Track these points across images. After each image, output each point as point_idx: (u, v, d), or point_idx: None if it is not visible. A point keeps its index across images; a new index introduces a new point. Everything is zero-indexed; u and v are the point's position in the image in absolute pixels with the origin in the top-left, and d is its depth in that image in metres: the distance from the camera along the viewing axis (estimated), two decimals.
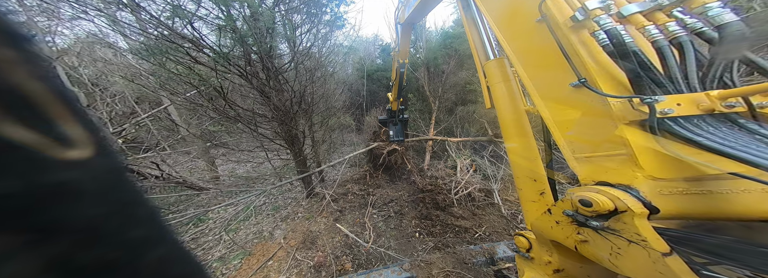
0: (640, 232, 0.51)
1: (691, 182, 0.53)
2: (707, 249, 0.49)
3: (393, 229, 3.23)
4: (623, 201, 0.52)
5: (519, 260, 0.98)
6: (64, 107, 0.16)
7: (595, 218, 0.58)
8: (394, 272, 2.16)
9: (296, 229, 3.06)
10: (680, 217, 0.56)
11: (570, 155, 0.70)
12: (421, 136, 4.92)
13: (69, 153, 0.15)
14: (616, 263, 0.57)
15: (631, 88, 0.60)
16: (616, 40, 0.60)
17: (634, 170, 0.56)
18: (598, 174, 0.64)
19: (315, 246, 2.80)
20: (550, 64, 0.74)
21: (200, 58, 2.56)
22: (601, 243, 0.59)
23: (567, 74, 0.67)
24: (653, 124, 0.53)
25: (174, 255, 0.24)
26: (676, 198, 0.53)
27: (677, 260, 0.48)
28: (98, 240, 0.17)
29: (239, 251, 2.73)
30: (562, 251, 0.79)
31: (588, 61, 0.65)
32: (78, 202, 0.16)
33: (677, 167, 0.53)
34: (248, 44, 2.54)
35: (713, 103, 0.51)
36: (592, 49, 0.65)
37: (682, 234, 0.53)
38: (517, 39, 0.87)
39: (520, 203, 0.96)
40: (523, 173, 0.94)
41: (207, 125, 4.72)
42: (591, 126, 0.66)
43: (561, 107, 0.74)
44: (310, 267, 2.49)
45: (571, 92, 0.69)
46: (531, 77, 0.81)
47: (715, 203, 0.51)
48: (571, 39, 0.67)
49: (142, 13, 2.20)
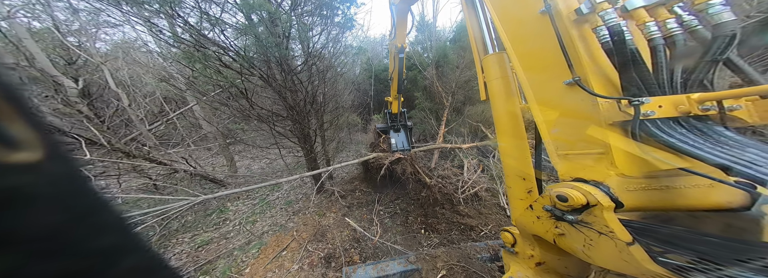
0: (607, 224, 0.56)
1: (652, 179, 0.59)
2: (662, 238, 0.55)
3: (399, 225, 3.33)
4: (594, 196, 0.58)
5: (505, 255, 1.03)
6: (9, 105, 0.14)
7: (570, 212, 0.64)
8: (400, 264, 2.27)
9: (307, 222, 3.27)
10: (640, 210, 0.61)
11: (553, 152, 0.74)
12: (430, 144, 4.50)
13: (16, 156, 0.14)
14: (589, 253, 0.62)
15: (621, 89, 0.62)
16: (617, 38, 0.59)
17: (608, 169, 0.61)
18: (575, 171, 0.68)
19: (325, 238, 2.99)
20: (546, 60, 0.74)
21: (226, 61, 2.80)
22: (576, 236, 0.64)
23: (562, 72, 0.68)
24: (636, 127, 0.56)
25: (147, 265, 0.22)
26: (639, 194, 0.59)
27: (639, 249, 0.53)
28: (59, 250, 0.15)
29: (257, 241, 2.98)
30: (543, 245, 0.85)
31: (585, 58, 0.64)
32: (30, 209, 0.14)
33: (645, 166, 0.58)
34: (267, 48, 2.74)
35: (691, 106, 0.54)
36: (591, 45, 0.65)
37: (642, 225, 0.59)
38: (517, 31, 0.83)
39: (508, 200, 1.00)
40: (512, 172, 0.95)
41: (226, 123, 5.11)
42: (576, 125, 0.68)
43: (551, 104, 0.74)
44: (320, 258, 2.67)
45: (564, 89, 0.69)
46: (527, 72, 0.80)
47: (670, 197, 0.58)
48: (571, 33, 0.65)
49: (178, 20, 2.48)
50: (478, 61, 1.15)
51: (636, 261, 0.52)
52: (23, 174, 0.14)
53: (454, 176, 3.82)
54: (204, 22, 2.58)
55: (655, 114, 0.56)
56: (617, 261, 0.56)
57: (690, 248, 0.51)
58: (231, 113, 3.80)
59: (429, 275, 2.17)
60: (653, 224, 0.61)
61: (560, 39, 0.66)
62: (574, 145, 0.69)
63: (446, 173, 3.86)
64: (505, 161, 1.00)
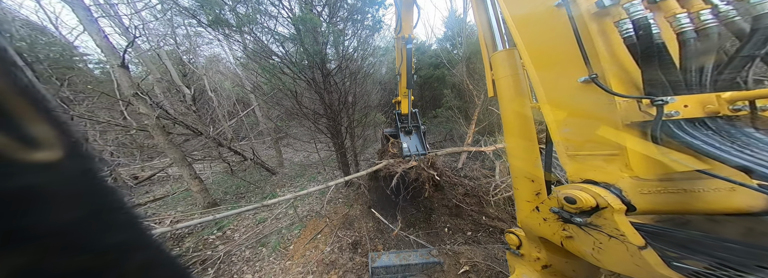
0: (618, 227, 0.55)
1: (668, 182, 0.55)
2: (678, 242, 0.53)
3: (422, 222, 3.40)
4: (604, 198, 0.57)
5: (510, 257, 1.01)
6: (29, 105, 0.14)
7: (578, 214, 0.64)
8: (422, 255, 2.34)
9: (337, 211, 3.65)
10: (655, 213, 0.59)
11: (563, 152, 0.71)
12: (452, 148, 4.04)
13: (36, 155, 0.14)
14: (598, 257, 0.62)
15: (643, 87, 0.57)
16: (643, 32, 0.54)
17: (622, 171, 0.59)
18: (585, 172, 0.66)
19: (352, 227, 3.30)
20: (560, 57, 0.69)
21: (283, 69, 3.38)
22: (585, 239, 0.64)
23: (577, 68, 0.63)
24: (657, 128, 0.52)
25: (157, 260, 0.23)
26: (654, 197, 0.56)
27: (652, 253, 0.52)
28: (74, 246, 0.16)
29: (298, 223, 3.51)
30: (550, 247, 0.83)
31: (604, 54, 0.59)
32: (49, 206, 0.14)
33: (661, 168, 0.55)
34: (313, 55, 3.13)
35: (721, 105, 0.50)
36: (611, 40, 0.59)
37: (656, 229, 0.57)
38: (529, 26, 0.78)
39: (515, 201, 0.95)
40: (520, 174, 0.92)
41: (276, 120, 6.01)
42: (588, 125, 0.65)
43: (564, 102, 0.71)
44: (348, 243, 2.99)
45: (578, 87, 0.65)
46: (538, 70, 0.75)
47: (687, 200, 0.54)
48: (590, 28, 0.60)
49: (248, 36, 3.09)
50: (487, 58, 1.09)
51: (649, 266, 0.51)
52: (43, 173, 0.14)
53: (483, 177, 3.61)
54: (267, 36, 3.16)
55: (679, 114, 0.52)
56: (628, 265, 0.55)
57: (708, 253, 0.48)
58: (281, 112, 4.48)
59: (451, 269, 2.20)
60: (668, 228, 0.57)
61: (577, 34, 0.61)
62: (585, 145, 0.67)
63: (475, 173, 3.69)
64: (513, 163, 0.97)
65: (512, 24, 0.82)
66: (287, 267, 2.63)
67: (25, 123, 0.14)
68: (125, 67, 3.02)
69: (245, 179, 4.56)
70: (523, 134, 0.92)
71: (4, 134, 0.13)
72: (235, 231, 3.30)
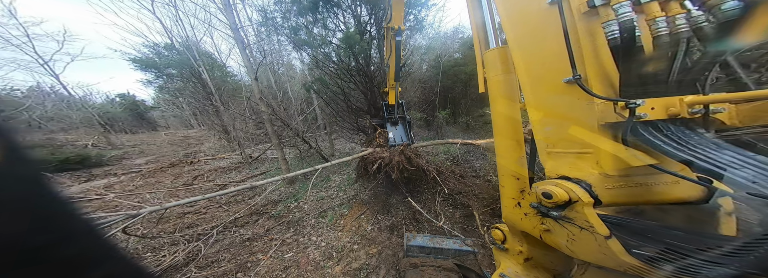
0: (588, 219, 0.62)
1: (627, 178, 0.62)
2: (636, 231, 0.59)
3: (458, 217, 3.43)
4: (575, 192, 0.64)
5: (496, 252, 1.07)
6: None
7: (554, 208, 0.71)
8: (456, 243, 2.45)
9: (377, 197, 4.18)
10: (615, 205, 0.65)
11: (543, 150, 0.76)
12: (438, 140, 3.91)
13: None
14: (572, 248, 0.69)
15: (618, 90, 0.61)
16: (626, 35, 0.56)
17: (592, 168, 0.64)
18: (561, 168, 0.72)
19: (390, 212, 3.74)
20: (548, 56, 0.71)
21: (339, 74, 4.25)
22: (560, 231, 0.72)
23: (562, 69, 0.66)
24: (628, 130, 0.57)
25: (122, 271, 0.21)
26: (616, 191, 0.63)
27: (615, 242, 0.59)
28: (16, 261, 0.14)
29: (346, 204, 4.28)
30: (531, 241, 0.88)
31: (589, 55, 0.62)
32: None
33: (623, 164, 0.60)
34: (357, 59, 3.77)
35: (681, 108, 0.54)
36: (597, 41, 0.61)
37: (617, 220, 0.63)
38: (521, 24, 0.78)
39: (501, 198, 0.97)
40: (507, 172, 0.93)
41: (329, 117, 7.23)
42: (567, 124, 0.69)
43: (547, 101, 0.74)
44: (386, 225, 3.44)
45: (561, 87, 0.67)
46: (526, 68, 0.77)
47: (641, 193, 0.62)
48: (579, 28, 0.62)
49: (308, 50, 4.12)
50: (479, 56, 1.07)
51: (613, 254, 0.57)
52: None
53: None
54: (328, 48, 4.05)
55: (647, 116, 0.56)
56: (597, 254, 0.61)
57: (659, 240, 0.54)
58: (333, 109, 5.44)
59: (484, 260, 2.21)
60: (627, 218, 0.62)
61: (566, 33, 0.62)
62: (563, 143, 0.71)
63: None
64: (499, 161, 0.98)
65: (506, 22, 0.82)
66: (339, 236, 3.35)
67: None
68: (256, 79, 4.53)
69: (310, 164, 5.86)
70: (510, 133, 0.94)
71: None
72: (306, 203, 4.39)
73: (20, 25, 9.16)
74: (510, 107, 0.95)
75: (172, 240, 3.34)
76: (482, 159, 5.25)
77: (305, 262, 2.85)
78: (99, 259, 0.19)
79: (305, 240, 3.32)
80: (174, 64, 8.03)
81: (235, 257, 3.03)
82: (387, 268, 2.62)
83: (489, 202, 3.44)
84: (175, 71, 8.30)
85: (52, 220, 0.17)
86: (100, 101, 16.57)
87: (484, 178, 4.34)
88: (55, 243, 0.16)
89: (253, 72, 4.42)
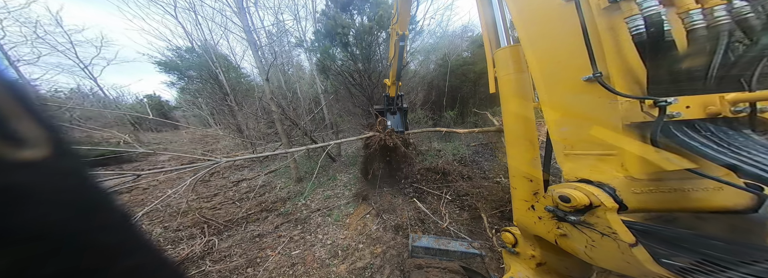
0: (610, 225, 0.58)
1: (659, 182, 0.56)
2: (666, 240, 0.54)
3: (465, 219, 3.36)
4: (597, 197, 0.59)
5: (506, 255, 1.02)
6: (16, 103, 0.14)
7: (572, 213, 0.66)
8: (462, 245, 2.38)
9: (383, 198, 4.17)
10: (644, 211, 0.59)
11: (560, 152, 0.72)
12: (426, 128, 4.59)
13: (22, 153, 0.14)
14: (591, 254, 0.64)
15: (646, 87, 0.56)
16: (654, 29, 0.51)
17: (617, 171, 0.59)
18: (580, 171, 0.67)
19: (395, 212, 3.72)
20: (564, 54, 0.68)
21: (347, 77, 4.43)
22: (578, 237, 0.67)
23: (580, 67, 0.62)
24: (658, 130, 0.52)
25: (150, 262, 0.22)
26: (646, 196, 0.57)
27: (642, 250, 0.54)
28: (62, 247, 0.15)
29: (352, 203, 4.31)
30: (545, 245, 0.83)
31: (611, 51, 0.58)
32: (35, 205, 0.14)
33: (653, 167, 0.55)
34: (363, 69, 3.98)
35: (723, 107, 0.49)
36: (619, 37, 0.57)
37: (645, 227, 0.58)
38: (534, 22, 0.75)
39: (512, 199, 0.94)
40: (519, 173, 0.90)
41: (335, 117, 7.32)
42: (588, 124, 0.64)
43: (564, 101, 0.70)
44: (391, 225, 3.43)
45: (580, 86, 0.64)
46: (541, 67, 0.74)
47: (675, 199, 0.56)
48: (599, 23, 0.58)
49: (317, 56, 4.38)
50: (490, 55, 1.05)
51: (638, 263, 0.53)
52: (28, 171, 0.14)
53: None
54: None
55: (681, 116, 0.51)
56: (619, 262, 0.56)
57: (694, 250, 0.49)
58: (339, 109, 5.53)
59: (492, 263, 2.14)
60: (657, 225, 0.57)
61: (585, 30, 0.59)
62: (582, 145, 0.66)
63: None
64: (511, 163, 0.95)
65: (518, 20, 0.79)
66: (345, 235, 3.38)
67: (10, 121, 0.14)
68: (267, 80, 4.68)
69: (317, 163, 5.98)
70: (523, 134, 0.90)
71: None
72: (313, 201, 4.47)
73: (64, 32, 10.02)
74: (523, 106, 0.91)
75: (189, 234, 3.50)
76: (491, 160, 5.12)
77: (311, 260, 2.89)
78: (131, 249, 0.21)
79: (312, 238, 3.38)
80: (194, 66, 8.50)
81: (246, 252, 3.13)
82: (391, 268, 2.61)
83: (498, 204, 3.34)
84: (195, 72, 8.80)
85: (94, 210, 0.19)
86: (130, 101, 17.83)
87: (493, 179, 4.22)
88: (96, 230, 0.18)
89: (265, 73, 4.57)
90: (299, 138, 6.14)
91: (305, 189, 4.85)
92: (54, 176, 0.16)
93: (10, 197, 0.13)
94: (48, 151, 0.16)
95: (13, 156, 0.14)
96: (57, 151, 0.16)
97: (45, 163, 0.15)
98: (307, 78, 8.48)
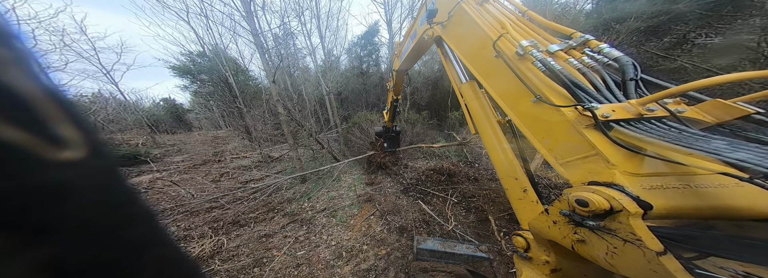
0: (635, 231, 0.54)
1: (666, 178, 0.57)
2: (699, 243, 0.51)
3: (471, 221, 3.28)
4: (618, 201, 0.56)
5: (517, 260, 0.97)
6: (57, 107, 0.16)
7: (591, 218, 0.62)
8: (469, 248, 2.30)
9: (387, 199, 4.13)
10: (674, 216, 0.53)
11: (554, 162, 0.77)
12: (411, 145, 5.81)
13: (62, 154, 0.15)
14: (613, 262, 0.60)
15: (573, 100, 0.75)
16: (546, 66, 0.83)
17: (609, 167, 0.62)
18: (585, 176, 0.67)
19: (400, 214, 3.68)
20: (512, 87, 0.95)
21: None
22: (598, 243, 0.62)
23: (527, 93, 0.87)
24: (600, 125, 0.65)
25: (170, 255, 0.24)
26: (660, 193, 0.54)
27: (671, 259, 0.50)
28: (94, 241, 0.17)
29: (356, 204, 4.30)
30: (560, 251, 0.79)
31: (536, 81, 0.84)
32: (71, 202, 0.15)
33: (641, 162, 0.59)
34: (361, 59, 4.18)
35: (637, 108, 0.65)
36: (536, 73, 0.86)
37: (676, 232, 0.54)
38: (485, 70, 1.11)
39: (510, 202, 1.04)
40: (504, 174, 1.06)
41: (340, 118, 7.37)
42: (560, 133, 0.76)
43: (531, 118, 0.88)
44: (396, 227, 3.39)
45: (534, 106, 0.85)
46: (501, 96, 1.01)
47: (703, 199, 0.53)
48: (520, 67, 0.90)
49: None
50: (458, 90, 1.53)
51: (667, 273, 0.48)
52: (69, 170, 0.16)
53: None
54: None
55: (612, 116, 0.65)
56: (645, 271, 0.52)
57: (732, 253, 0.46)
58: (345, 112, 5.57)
59: (500, 268, 2.07)
60: (689, 231, 0.54)
61: (515, 72, 0.90)
62: (565, 152, 0.73)
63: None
64: (495, 166, 1.17)
65: (475, 72, 1.17)
66: (350, 236, 3.36)
67: (53, 125, 0.15)
68: (274, 82, 4.79)
69: (322, 163, 6.01)
70: (497, 142, 1.17)
71: (35, 134, 0.14)
72: (318, 201, 4.49)
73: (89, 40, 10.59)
74: (489, 121, 1.27)
75: (201, 233, 3.59)
76: None
77: (316, 260, 2.89)
78: (154, 242, 0.23)
79: (316, 239, 3.38)
80: (205, 70, 8.83)
81: (253, 252, 3.17)
82: (396, 271, 2.57)
83: (506, 207, 3.25)
84: (206, 76, 9.13)
85: (125, 205, 0.20)
86: (147, 104, 18.60)
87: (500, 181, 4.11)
88: (125, 224, 0.20)
89: (272, 75, 4.64)
90: (304, 140, 6.21)
91: (311, 190, 4.88)
92: (90, 174, 0.18)
93: (54, 193, 0.15)
94: (86, 152, 0.17)
95: (55, 156, 0.15)
96: (93, 151, 0.18)
97: (83, 162, 0.17)
98: (312, 80, 8.61)
